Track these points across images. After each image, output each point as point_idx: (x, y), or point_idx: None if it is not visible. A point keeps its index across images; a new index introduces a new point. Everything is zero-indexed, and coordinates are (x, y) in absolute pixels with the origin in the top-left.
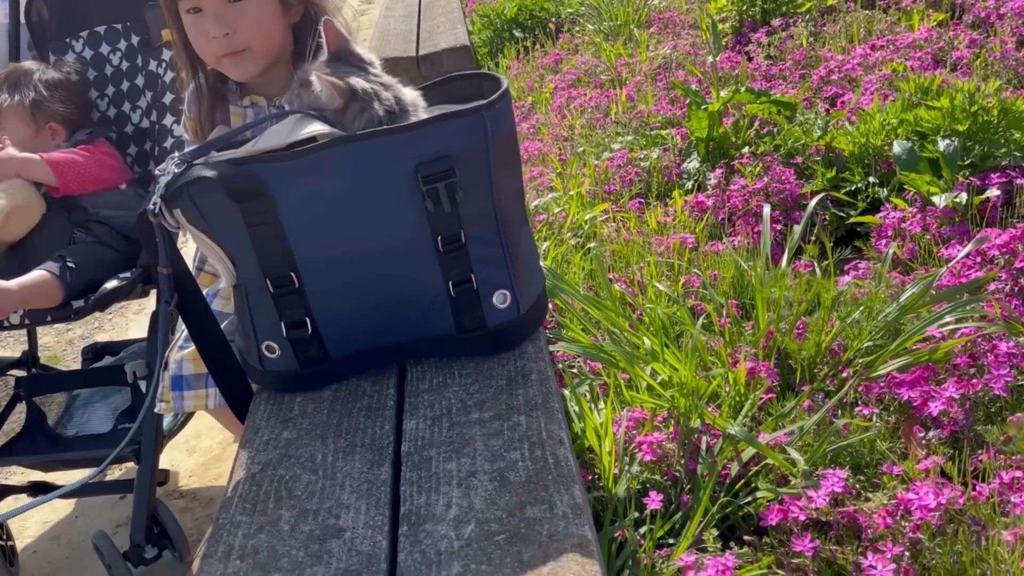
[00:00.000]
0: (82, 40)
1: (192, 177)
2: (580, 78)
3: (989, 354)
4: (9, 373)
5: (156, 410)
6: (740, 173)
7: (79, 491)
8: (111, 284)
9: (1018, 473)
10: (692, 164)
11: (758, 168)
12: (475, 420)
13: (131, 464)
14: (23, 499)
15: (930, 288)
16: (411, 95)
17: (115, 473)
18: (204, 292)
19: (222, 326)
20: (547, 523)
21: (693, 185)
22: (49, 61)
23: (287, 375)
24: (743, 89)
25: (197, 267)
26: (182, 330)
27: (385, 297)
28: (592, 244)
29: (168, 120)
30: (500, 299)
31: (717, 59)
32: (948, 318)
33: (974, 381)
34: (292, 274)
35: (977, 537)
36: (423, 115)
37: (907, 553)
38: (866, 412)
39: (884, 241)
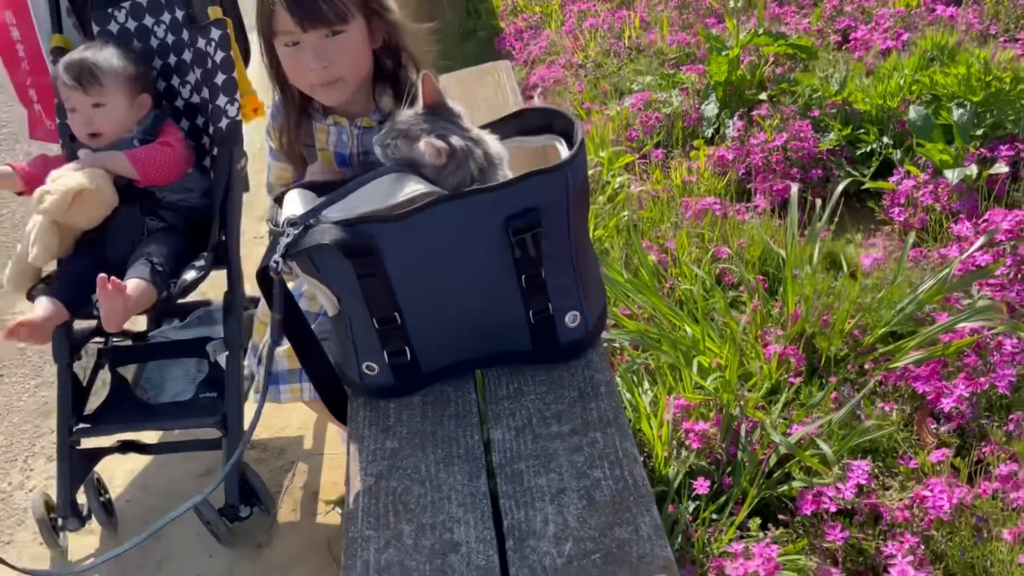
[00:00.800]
0: (124, 10)
1: (313, 243)
2: None
3: (995, 352)
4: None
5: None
6: (759, 126)
7: (170, 448)
8: (190, 276)
9: (1015, 467)
10: (710, 107)
11: (776, 120)
12: (555, 434)
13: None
14: (117, 459)
15: (945, 281)
16: (496, 147)
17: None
18: (291, 289)
19: (312, 326)
20: (635, 544)
21: (713, 133)
22: (92, 31)
23: (383, 388)
24: (761, 32)
25: None
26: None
27: (473, 325)
28: (625, 213)
29: (222, 100)
30: (571, 319)
31: (739, 4)
32: (963, 324)
33: (981, 380)
34: (396, 314)
35: (980, 531)
36: (507, 168)
37: (921, 545)
38: (886, 408)
39: (897, 209)
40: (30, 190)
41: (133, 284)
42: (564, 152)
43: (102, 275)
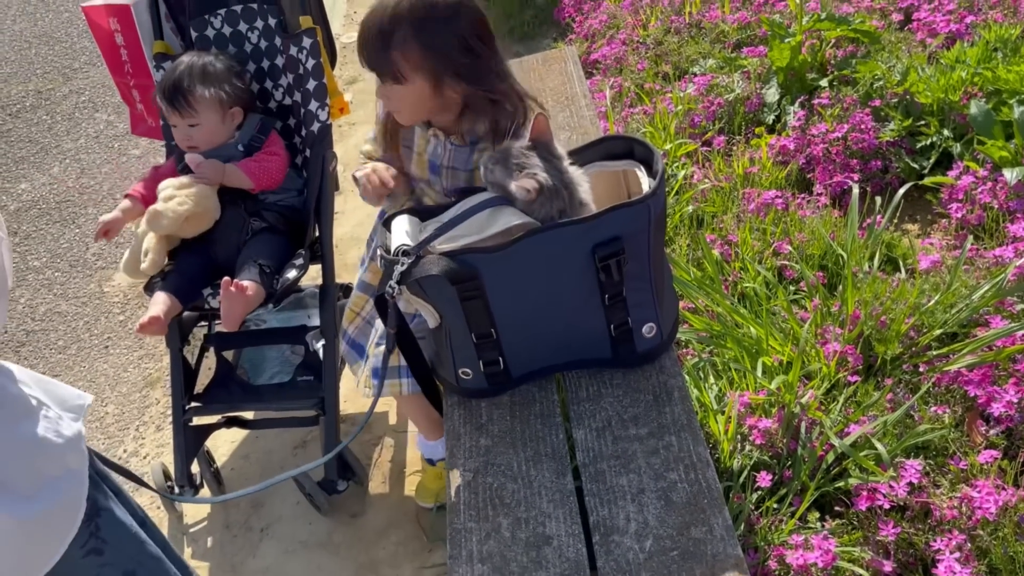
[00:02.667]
0: (220, 17)
1: (424, 273)
2: None
3: None
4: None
5: (361, 394)
6: (820, 115)
7: (269, 424)
8: (291, 275)
9: None
10: (771, 92)
11: (837, 110)
12: (634, 436)
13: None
14: (223, 435)
15: (1000, 286)
16: (584, 191)
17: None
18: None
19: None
20: (709, 544)
21: (774, 120)
22: (190, 36)
23: (477, 390)
24: (823, 17)
25: (370, 257)
26: (377, 331)
27: (559, 337)
28: (689, 208)
29: (313, 105)
30: (648, 330)
31: None
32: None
33: None
34: (492, 330)
35: (1023, 530)
36: (593, 206)
37: (967, 543)
38: (939, 411)
39: (955, 205)
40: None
41: (248, 284)
42: (643, 178)
43: (226, 279)
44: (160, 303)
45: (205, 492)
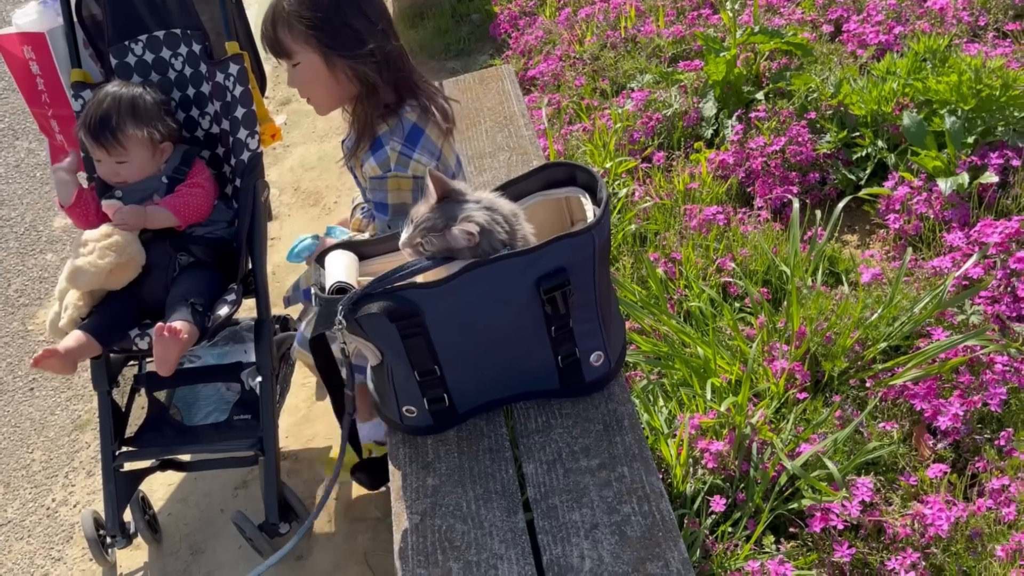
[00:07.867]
0: (141, 43)
1: (363, 314)
2: None
3: (988, 370)
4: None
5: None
6: (758, 129)
7: (207, 465)
8: (223, 311)
9: (1006, 481)
10: (709, 106)
11: (774, 123)
12: (585, 468)
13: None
14: (160, 477)
15: (940, 298)
16: (508, 206)
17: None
18: None
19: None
20: None
21: (712, 134)
22: (110, 63)
23: (421, 427)
24: (756, 30)
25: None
26: None
27: (505, 370)
28: (632, 226)
29: (243, 134)
30: (596, 359)
31: (736, 5)
32: (964, 343)
33: (974, 398)
34: (436, 367)
35: (975, 546)
36: (523, 220)
37: (922, 561)
38: (887, 427)
39: (892, 216)
40: (75, 210)
41: (181, 326)
42: (588, 205)
43: (159, 324)
44: (70, 339)
45: (139, 540)
